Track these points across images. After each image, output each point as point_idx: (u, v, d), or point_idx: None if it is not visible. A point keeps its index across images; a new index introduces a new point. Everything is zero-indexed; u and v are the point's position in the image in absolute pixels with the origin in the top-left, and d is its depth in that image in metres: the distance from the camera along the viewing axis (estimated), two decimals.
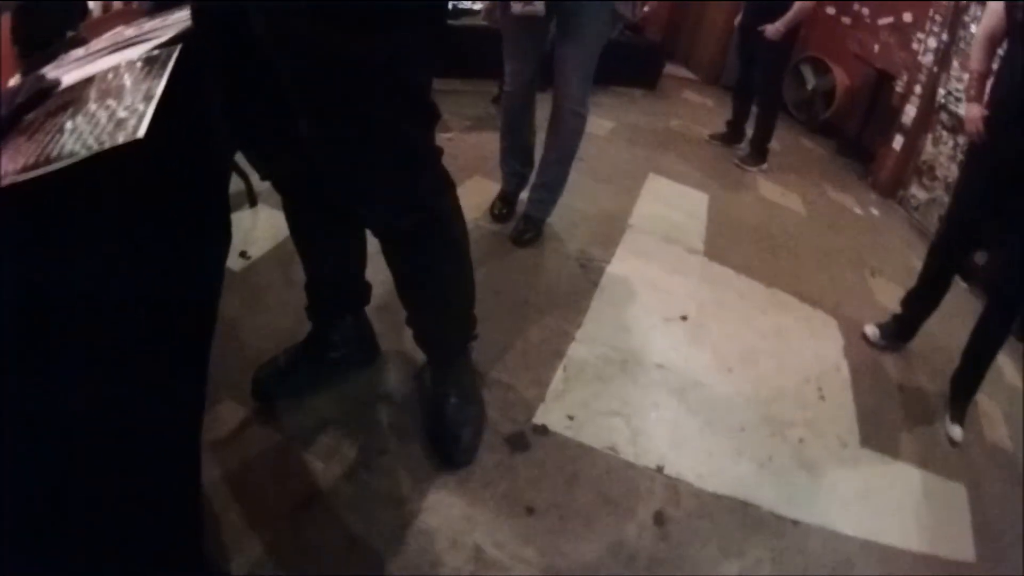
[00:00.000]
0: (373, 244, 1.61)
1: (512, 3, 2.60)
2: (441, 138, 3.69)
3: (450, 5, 3.83)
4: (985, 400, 2.99)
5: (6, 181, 0.78)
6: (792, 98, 6.64)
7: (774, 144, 5.30)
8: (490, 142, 3.82)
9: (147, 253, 0.98)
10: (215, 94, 1.31)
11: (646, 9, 2.63)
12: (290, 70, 1.21)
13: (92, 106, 0.94)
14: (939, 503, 2.28)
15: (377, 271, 1.76)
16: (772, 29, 4.59)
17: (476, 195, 3.32)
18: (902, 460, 2.41)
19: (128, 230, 0.94)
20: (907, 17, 5.45)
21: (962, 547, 2.14)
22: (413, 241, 1.53)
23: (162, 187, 1.03)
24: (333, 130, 1.28)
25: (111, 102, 0.94)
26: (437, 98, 1.40)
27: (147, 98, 0.92)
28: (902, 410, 2.69)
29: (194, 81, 1.16)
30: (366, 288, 1.96)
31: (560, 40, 2.72)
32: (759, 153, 5.14)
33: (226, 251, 1.38)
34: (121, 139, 0.83)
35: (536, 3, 2.55)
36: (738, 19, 5.09)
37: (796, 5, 4.53)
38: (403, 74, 1.25)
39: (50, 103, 1.02)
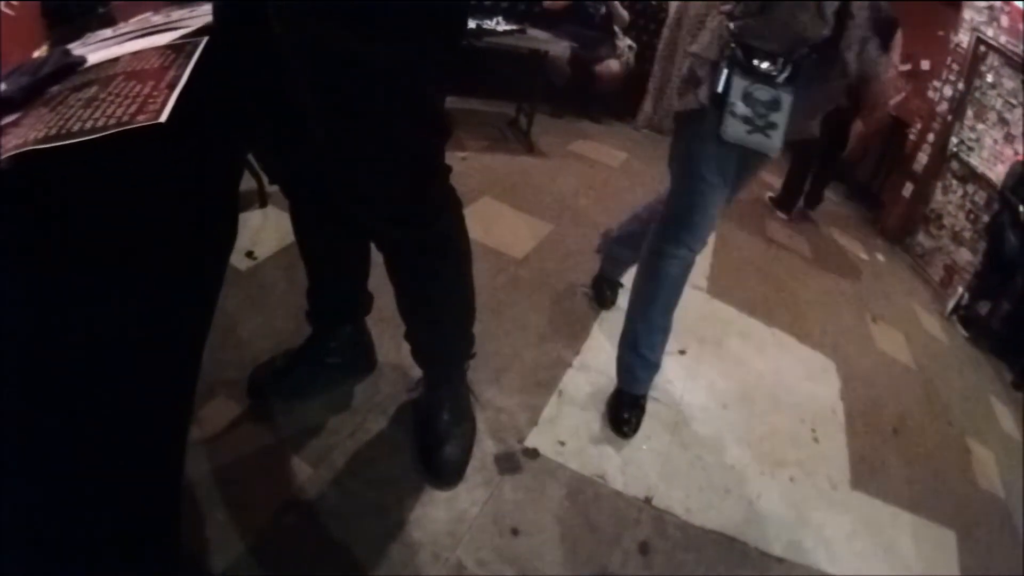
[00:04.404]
0: (377, 255, 1.62)
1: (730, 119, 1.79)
2: (455, 157, 3.71)
3: (473, 24, 3.85)
4: (979, 447, 2.99)
5: (25, 149, 0.79)
6: None
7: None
8: (504, 164, 3.86)
9: (151, 239, 0.98)
10: (232, 91, 1.32)
11: None
12: (305, 74, 1.23)
13: (116, 86, 0.95)
14: (929, 548, 2.28)
15: (380, 282, 1.77)
16: None
17: (485, 216, 3.34)
18: (893, 504, 2.41)
19: (134, 214, 0.95)
20: (925, 65, 5.50)
21: None
22: (416, 255, 1.54)
23: (173, 175, 1.04)
24: (344, 137, 1.29)
25: (135, 85, 0.95)
26: (455, 117, 1.40)
27: (171, 85, 0.93)
28: (895, 454, 2.68)
29: (216, 75, 1.17)
30: (367, 298, 1.97)
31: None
32: None
33: (230, 247, 1.39)
34: (142, 120, 0.84)
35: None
36: None
37: None
38: (417, 85, 1.26)
39: (75, 78, 1.03)
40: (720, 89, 1.77)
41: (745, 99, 1.74)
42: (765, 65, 1.72)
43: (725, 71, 1.76)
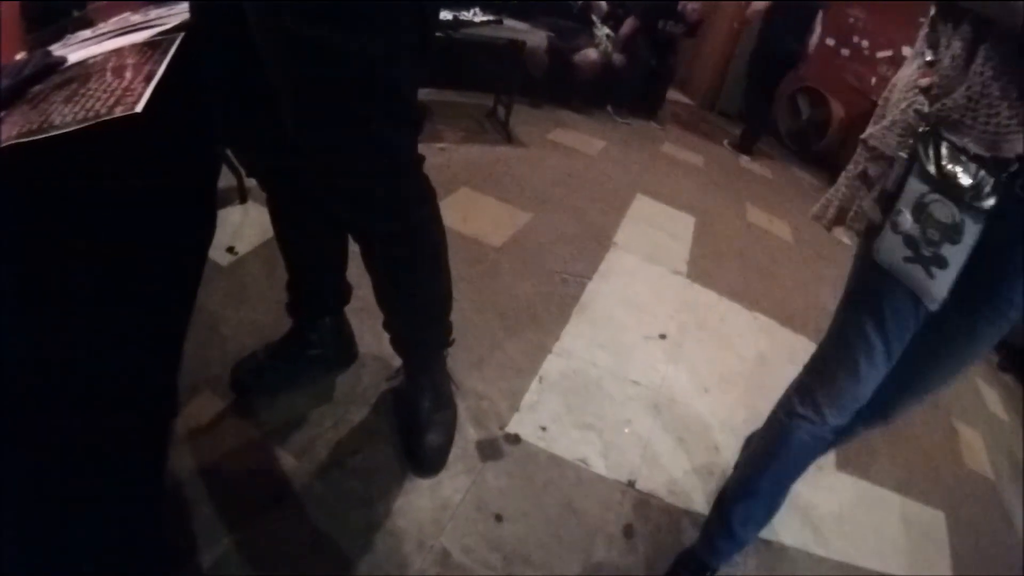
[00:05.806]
0: (355, 246, 1.63)
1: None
2: (433, 148, 3.70)
3: (450, 15, 3.84)
4: (966, 428, 3.01)
5: (8, 143, 0.80)
6: (786, 127, 6.69)
7: (766, 172, 5.36)
8: (482, 155, 3.86)
9: (130, 232, 0.99)
10: (209, 86, 1.32)
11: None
12: (280, 67, 1.23)
13: (95, 82, 0.97)
14: (917, 529, 2.30)
15: (358, 273, 1.77)
16: None
17: (463, 206, 3.33)
18: (880, 485, 2.43)
19: (113, 210, 0.96)
20: (906, 51, 5.52)
21: (940, 573, 2.17)
22: (391, 246, 1.55)
23: (152, 169, 1.04)
24: (318, 130, 1.29)
25: (113, 80, 0.97)
26: (433, 109, 1.41)
27: (147, 78, 0.95)
28: (882, 437, 2.69)
29: (193, 70, 1.17)
30: (346, 289, 1.97)
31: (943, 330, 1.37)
32: None
33: (209, 240, 1.39)
34: (119, 112, 0.85)
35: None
36: None
37: None
38: (390, 77, 1.26)
39: (56, 77, 1.05)
40: (891, 187, 1.24)
41: (916, 211, 1.17)
42: (958, 170, 1.11)
43: (905, 164, 1.21)
